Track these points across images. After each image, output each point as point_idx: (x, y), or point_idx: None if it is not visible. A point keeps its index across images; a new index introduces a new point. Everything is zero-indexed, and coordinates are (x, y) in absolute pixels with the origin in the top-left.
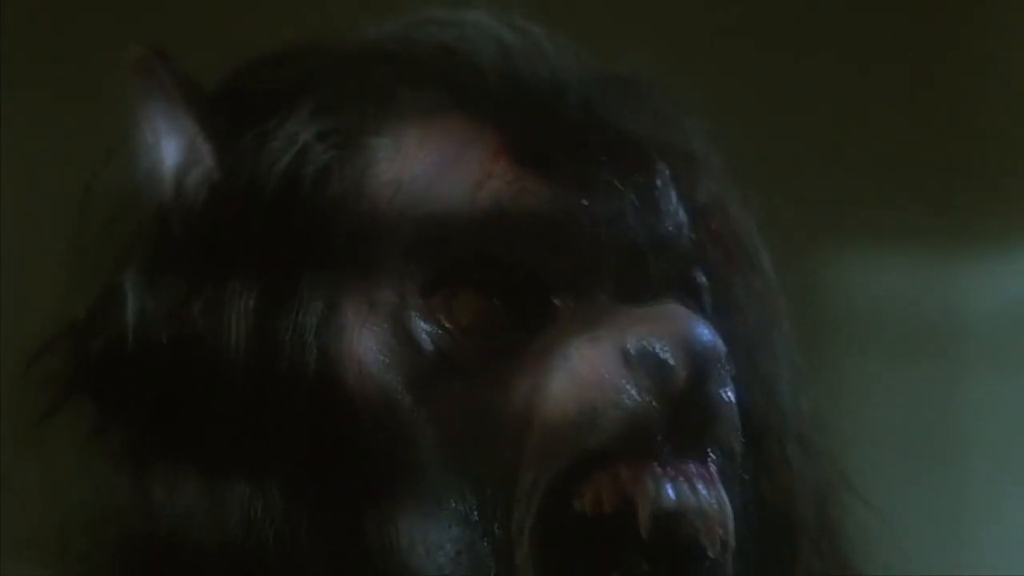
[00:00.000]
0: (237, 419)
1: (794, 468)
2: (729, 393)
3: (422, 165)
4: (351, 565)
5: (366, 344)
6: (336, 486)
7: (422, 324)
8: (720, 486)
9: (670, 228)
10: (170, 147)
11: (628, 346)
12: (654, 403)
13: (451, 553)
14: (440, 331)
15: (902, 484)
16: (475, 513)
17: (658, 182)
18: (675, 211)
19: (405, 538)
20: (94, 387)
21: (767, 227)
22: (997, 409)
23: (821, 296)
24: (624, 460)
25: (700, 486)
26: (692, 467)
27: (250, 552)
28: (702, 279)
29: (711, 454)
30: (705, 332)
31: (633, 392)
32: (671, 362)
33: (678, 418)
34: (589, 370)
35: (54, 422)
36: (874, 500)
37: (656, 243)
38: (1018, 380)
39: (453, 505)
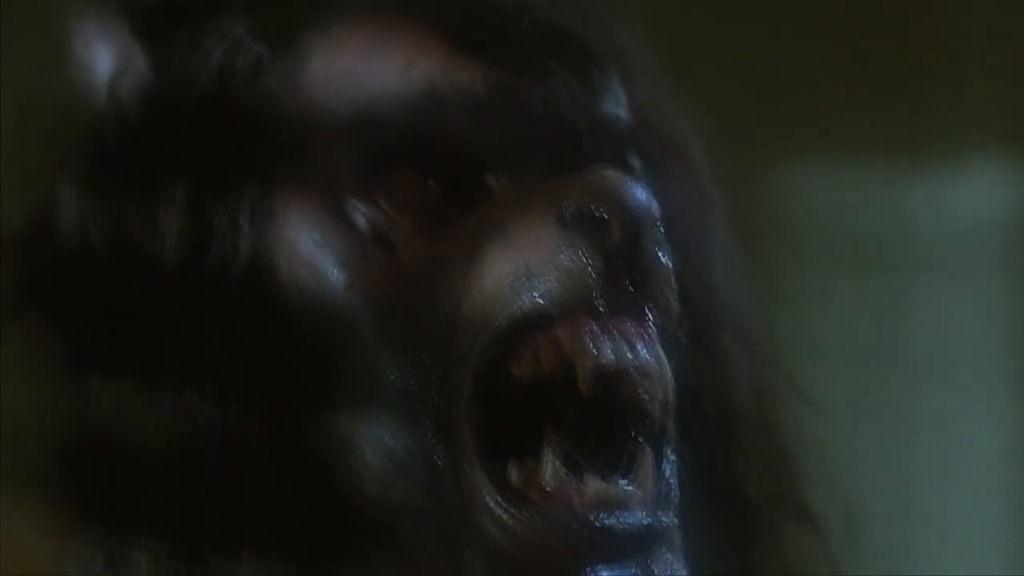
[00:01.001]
0: (172, 317)
1: (731, 358)
2: (664, 255)
3: (353, 50)
4: (291, 457)
5: (297, 226)
6: (272, 374)
7: (358, 205)
8: (659, 345)
9: (605, 109)
10: (103, 55)
11: (562, 208)
12: (589, 261)
13: (390, 423)
14: (376, 211)
15: (850, 393)
16: (412, 381)
17: (592, 65)
18: (610, 94)
19: (345, 419)
20: (35, 299)
21: (714, 138)
22: (944, 320)
23: (772, 208)
24: (561, 321)
25: (639, 344)
26: (631, 325)
27: (191, 453)
28: (636, 162)
29: (648, 312)
30: (639, 191)
31: (568, 251)
32: (606, 219)
33: (614, 275)
34: (524, 234)
35: None
36: (821, 406)
37: (591, 122)
38: (965, 291)
39: (392, 378)
